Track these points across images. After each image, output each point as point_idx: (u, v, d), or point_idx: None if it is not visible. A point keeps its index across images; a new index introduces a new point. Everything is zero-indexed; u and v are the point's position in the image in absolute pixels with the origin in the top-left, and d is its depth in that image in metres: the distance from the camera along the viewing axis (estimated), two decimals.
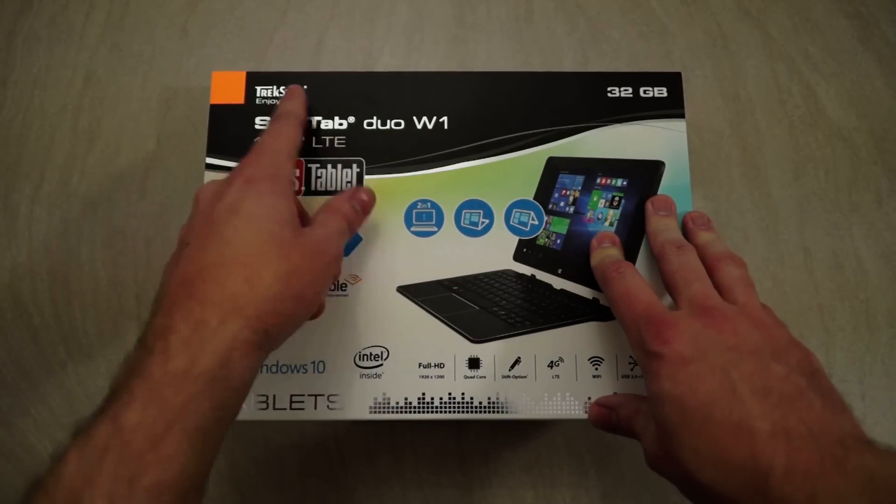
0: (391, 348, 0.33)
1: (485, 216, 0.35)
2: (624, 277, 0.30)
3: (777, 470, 0.21)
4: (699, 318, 0.26)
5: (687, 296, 0.28)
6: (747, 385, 0.24)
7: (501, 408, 0.32)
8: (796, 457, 0.22)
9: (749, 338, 0.26)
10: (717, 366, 0.25)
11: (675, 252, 0.30)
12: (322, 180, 0.35)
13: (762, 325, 0.26)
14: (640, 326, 0.27)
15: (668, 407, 0.25)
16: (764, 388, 0.24)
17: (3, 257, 0.41)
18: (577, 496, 0.38)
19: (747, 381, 0.24)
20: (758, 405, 0.23)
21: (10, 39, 0.44)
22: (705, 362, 0.25)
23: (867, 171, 0.42)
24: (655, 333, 0.26)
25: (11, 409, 0.39)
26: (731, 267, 0.30)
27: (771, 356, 0.25)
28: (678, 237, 0.32)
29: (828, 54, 0.44)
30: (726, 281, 0.29)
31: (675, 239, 0.32)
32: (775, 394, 0.23)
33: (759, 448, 0.22)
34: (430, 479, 0.38)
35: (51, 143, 0.42)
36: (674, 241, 0.31)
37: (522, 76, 0.37)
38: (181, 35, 0.44)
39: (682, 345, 0.25)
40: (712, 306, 0.27)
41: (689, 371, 0.25)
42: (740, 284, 0.29)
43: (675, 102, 0.36)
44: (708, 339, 0.26)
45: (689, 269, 0.29)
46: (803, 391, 0.24)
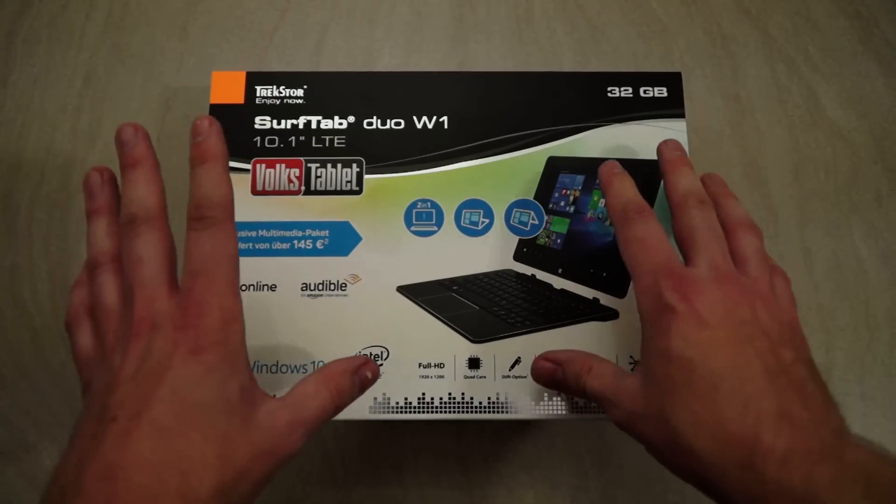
0: (391, 348, 0.33)
1: (485, 216, 0.35)
2: (647, 223, 0.28)
3: (777, 451, 0.21)
4: (718, 285, 0.26)
5: (706, 256, 0.27)
6: (760, 363, 0.23)
7: (501, 408, 0.32)
8: (796, 442, 0.22)
9: (762, 316, 0.25)
10: (732, 338, 0.24)
11: (697, 206, 0.28)
12: (322, 180, 0.35)
13: (774, 306, 0.26)
14: (657, 275, 0.26)
15: (673, 367, 0.24)
16: (775, 371, 0.23)
17: (3, 257, 0.41)
18: (577, 496, 0.38)
19: (760, 359, 0.24)
20: (768, 385, 0.23)
21: (10, 39, 0.44)
22: (721, 331, 0.24)
23: (867, 171, 0.42)
24: (675, 286, 0.25)
25: (11, 409, 0.39)
26: (749, 236, 0.29)
27: (780, 340, 0.25)
28: (701, 190, 0.30)
29: (828, 54, 0.44)
30: (743, 250, 0.28)
31: (699, 191, 0.29)
32: (783, 378, 0.23)
33: (763, 427, 0.22)
34: (430, 479, 0.38)
35: (51, 143, 0.42)
36: (697, 192, 0.29)
37: (522, 76, 0.37)
38: (181, 35, 0.44)
39: (701, 305, 0.25)
40: (731, 274, 0.26)
41: (704, 336, 0.24)
42: (756, 255, 0.28)
43: (675, 102, 0.36)
44: (725, 309, 0.25)
45: (710, 229, 0.28)
46: (806, 382, 0.24)
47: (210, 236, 0.25)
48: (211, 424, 0.22)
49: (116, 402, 0.22)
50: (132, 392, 0.22)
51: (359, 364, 0.28)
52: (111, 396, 0.22)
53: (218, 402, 0.23)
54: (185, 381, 0.22)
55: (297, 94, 0.36)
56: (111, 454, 0.21)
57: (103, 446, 0.21)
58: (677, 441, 0.23)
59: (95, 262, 0.27)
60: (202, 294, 0.24)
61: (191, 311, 0.23)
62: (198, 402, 0.22)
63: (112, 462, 0.21)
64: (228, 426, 0.23)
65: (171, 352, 0.23)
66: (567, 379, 0.29)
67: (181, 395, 0.22)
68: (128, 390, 0.22)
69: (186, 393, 0.22)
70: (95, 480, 0.20)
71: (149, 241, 0.25)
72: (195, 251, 0.24)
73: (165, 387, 0.22)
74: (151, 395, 0.22)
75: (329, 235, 0.34)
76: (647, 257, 0.27)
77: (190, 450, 0.22)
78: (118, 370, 0.23)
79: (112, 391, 0.22)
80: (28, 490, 0.38)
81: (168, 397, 0.22)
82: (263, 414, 0.24)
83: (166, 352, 0.23)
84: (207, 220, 0.25)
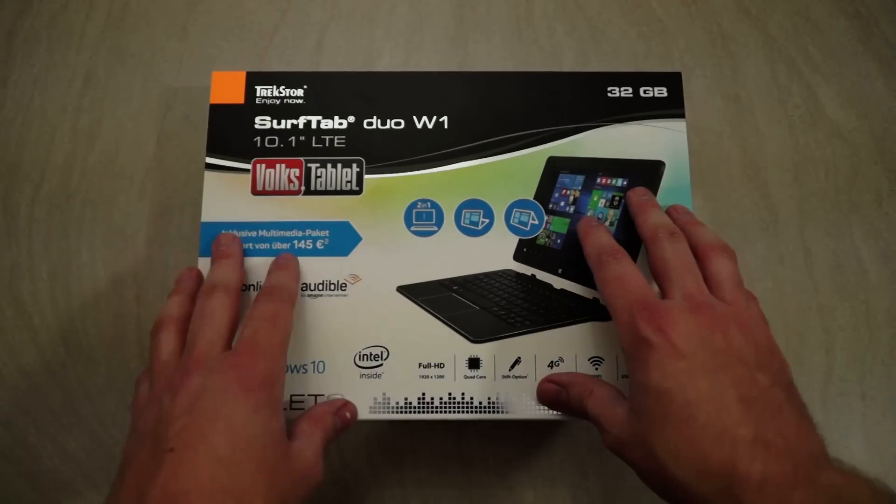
0: (391, 348, 0.33)
1: (485, 216, 0.35)
2: (621, 263, 0.30)
3: (753, 479, 0.22)
4: (692, 314, 0.26)
5: (679, 287, 0.28)
6: (734, 391, 0.24)
7: (501, 408, 0.32)
8: (772, 468, 0.22)
9: (737, 342, 0.26)
10: (708, 367, 0.25)
11: (668, 238, 0.30)
12: (322, 180, 0.35)
13: (748, 329, 0.26)
14: (633, 310, 0.27)
15: (652, 399, 0.25)
16: (749, 397, 0.24)
17: (3, 257, 0.41)
18: (577, 496, 0.38)
19: (735, 388, 0.24)
20: (743, 413, 0.23)
21: (10, 39, 0.44)
22: (696, 361, 0.25)
23: (867, 171, 0.42)
24: (650, 319, 0.26)
25: (11, 409, 0.39)
26: (722, 259, 0.29)
27: (756, 366, 0.25)
28: (670, 223, 0.31)
29: (828, 54, 0.44)
30: (717, 275, 0.29)
31: (668, 224, 0.31)
32: (759, 404, 0.24)
33: (739, 455, 0.22)
34: (430, 479, 0.38)
35: (51, 143, 0.42)
36: (667, 226, 0.31)
37: (522, 76, 0.37)
38: (181, 35, 0.44)
39: (675, 336, 0.25)
40: (705, 303, 0.27)
41: (680, 367, 0.25)
42: (730, 280, 0.29)
43: (675, 102, 0.36)
44: (699, 338, 0.25)
45: (682, 260, 0.29)
46: (782, 406, 0.24)
47: (273, 302, 0.29)
48: (261, 456, 0.24)
49: (174, 433, 0.24)
50: (188, 424, 0.24)
51: (336, 407, 0.31)
52: (168, 429, 0.24)
53: (266, 436, 0.25)
54: (239, 416, 0.25)
55: (297, 94, 0.36)
56: (171, 482, 0.22)
57: (162, 474, 0.23)
58: (661, 470, 0.24)
59: (161, 322, 0.30)
60: (258, 343, 0.27)
61: (245, 355, 0.27)
62: (250, 435, 0.25)
63: (173, 489, 0.22)
64: (274, 458, 0.25)
65: (225, 389, 0.25)
66: (570, 401, 0.30)
67: (235, 429, 0.24)
68: (184, 422, 0.24)
69: (240, 427, 0.25)
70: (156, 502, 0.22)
71: (221, 303, 0.29)
72: (258, 310, 0.29)
73: (221, 421, 0.24)
74: (208, 428, 0.24)
75: (329, 235, 0.34)
76: (622, 294, 0.28)
77: (243, 478, 0.24)
78: (171, 406, 0.25)
79: (168, 424, 0.24)
80: (28, 490, 0.38)
81: (223, 430, 0.24)
82: (295, 448, 0.27)
83: (221, 389, 0.25)
84: (275, 296, 0.30)
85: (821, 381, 0.39)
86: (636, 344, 0.26)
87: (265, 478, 0.24)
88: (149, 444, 0.24)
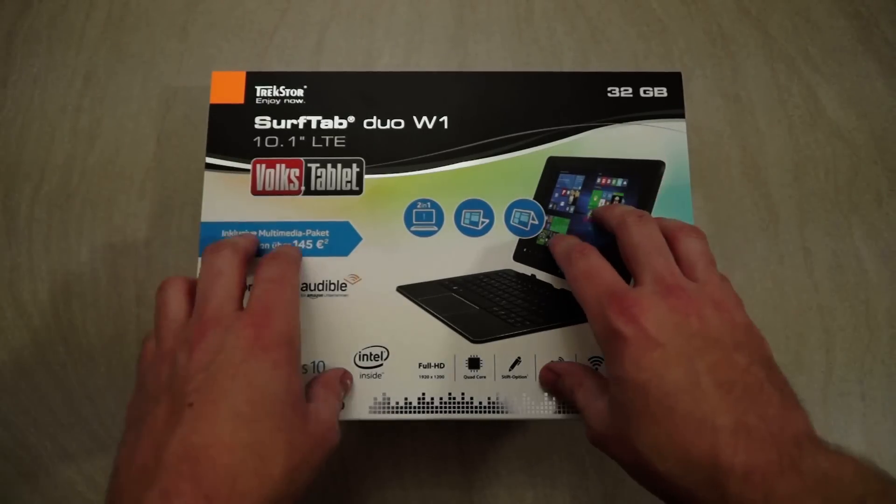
0: (391, 348, 0.33)
1: (485, 216, 0.35)
2: (587, 257, 0.29)
3: (737, 469, 0.21)
4: (664, 299, 0.25)
5: (650, 270, 0.27)
6: (711, 377, 0.23)
7: (501, 408, 0.32)
8: (755, 456, 0.22)
9: (712, 323, 0.25)
10: (683, 354, 0.24)
11: (636, 222, 0.29)
12: (322, 180, 0.35)
13: (724, 308, 0.26)
14: (602, 302, 0.26)
15: (629, 392, 0.24)
16: (727, 381, 0.23)
17: (3, 257, 0.41)
18: (577, 496, 0.38)
19: (712, 373, 0.23)
20: (721, 400, 0.23)
21: (10, 39, 0.44)
22: (671, 348, 0.24)
23: (867, 171, 0.42)
24: (619, 309, 0.25)
25: (11, 409, 0.39)
26: (691, 239, 0.28)
27: (733, 345, 0.24)
28: (638, 209, 0.31)
29: (828, 54, 0.44)
30: (687, 255, 0.28)
31: (635, 210, 0.30)
32: (738, 387, 0.23)
33: (721, 446, 0.22)
34: (430, 479, 0.38)
35: (51, 143, 0.42)
36: (634, 211, 0.30)
37: (522, 76, 0.37)
38: (181, 35, 0.44)
39: (649, 324, 0.25)
40: (676, 285, 0.26)
41: (654, 357, 0.24)
42: (702, 259, 0.28)
43: (675, 102, 0.36)
44: (673, 323, 0.25)
45: (651, 242, 0.28)
46: (763, 385, 0.24)
47: (279, 264, 0.29)
48: (280, 414, 0.24)
49: (192, 389, 0.24)
50: (207, 380, 0.24)
51: (342, 373, 0.31)
52: (185, 385, 0.24)
53: (285, 395, 0.25)
54: (258, 374, 0.25)
55: (297, 94, 0.36)
56: (191, 435, 0.23)
57: (181, 428, 0.23)
58: (644, 465, 0.24)
59: (167, 282, 0.29)
60: (273, 302, 0.27)
61: (260, 315, 0.26)
62: (270, 393, 0.24)
63: (193, 442, 0.22)
64: (293, 417, 0.25)
65: (244, 347, 0.25)
66: (564, 391, 0.30)
67: (255, 386, 0.24)
68: (203, 379, 0.24)
69: (259, 384, 0.24)
70: (178, 460, 0.22)
71: (230, 261, 0.29)
72: (264, 272, 0.29)
73: (241, 378, 0.24)
74: (227, 384, 0.24)
75: (329, 235, 0.34)
76: (590, 287, 0.28)
77: (264, 435, 0.24)
78: (188, 362, 0.25)
79: (185, 380, 0.24)
80: (28, 490, 0.38)
81: (243, 387, 0.24)
82: (313, 410, 0.27)
83: (240, 346, 0.25)
84: (280, 258, 0.30)
85: (821, 381, 0.39)
86: (609, 337, 0.26)
87: (285, 437, 0.24)
88: (164, 399, 0.24)
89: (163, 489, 0.21)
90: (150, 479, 0.22)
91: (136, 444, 0.23)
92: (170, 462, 0.22)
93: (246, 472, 0.23)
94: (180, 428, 0.23)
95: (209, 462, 0.22)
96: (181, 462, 0.22)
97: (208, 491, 0.21)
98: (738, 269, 0.41)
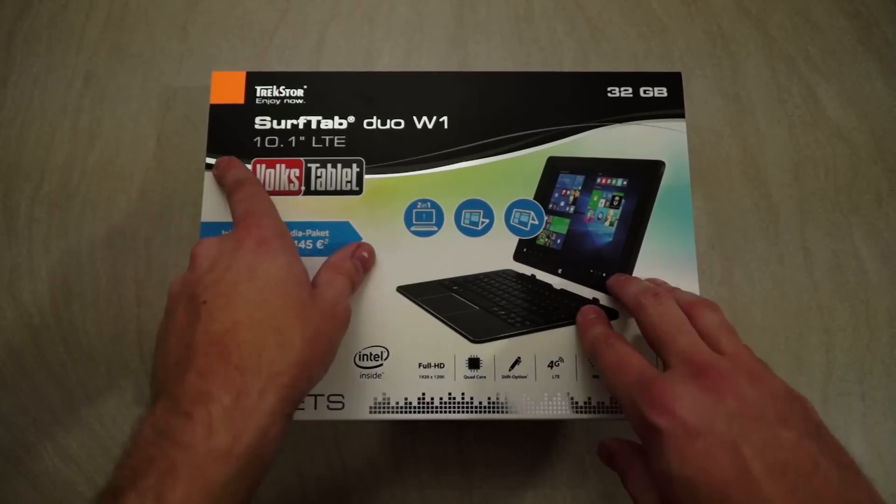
0: (391, 348, 0.33)
1: (485, 216, 0.35)
2: (613, 347, 0.28)
3: None
4: (695, 380, 0.24)
5: (675, 352, 0.26)
6: (760, 462, 0.22)
7: (501, 408, 0.32)
8: None
9: (750, 398, 0.24)
10: (727, 439, 0.22)
11: (652, 302, 0.28)
12: (322, 180, 0.35)
13: (759, 378, 0.24)
14: (633, 395, 0.25)
15: (677, 490, 0.23)
16: (778, 464, 0.22)
17: (3, 257, 0.41)
18: (577, 496, 0.38)
19: (760, 457, 0.22)
20: (775, 487, 0.21)
21: (10, 39, 0.44)
22: (713, 436, 0.23)
23: (867, 171, 0.42)
24: (652, 402, 0.24)
25: (11, 409, 0.39)
26: (707, 312, 0.28)
27: (776, 420, 0.23)
28: (651, 286, 0.30)
29: (828, 54, 0.44)
30: (707, 328, 0.27)
31: (649, 288, 0.30)
32: (791, 470, 0.22)
33: None
34: (429, 479, 0.38)
35: (51, 143, 0.42)
36: (648, 289, 0.29)
37: (522, 76, 0.37)
38: (181, 35, 0.44)
39: (685, 413, 0.23)
40: (706, 363, 0.25)
41: (697, 448, 0.23)
42: (723, 331, 0.27)
43: (675, 102, 0.36)
44: (709, 406, 0.23)
45: (672, 321, 0.27)
46: (817, 461, 0.22)
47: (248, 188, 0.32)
48: (287, 293, 0.27)
49: (202, 289, 0.26)
50: (214, 280, 0.26)
51: (352, 250, 0.33)
52: (195, 288, 0.26)
53: (289, 277, 0.27)
54: (259, 264, 0.27)
55: (297, 94, 0.36)
56: (213, 325, 0.25)
57: (202, 323, 0.25)
58: None
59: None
60: (256, 209, 0.30)
61: (249, 219, 0.29)
62: (274, 278, 0.27)
63: (216, 330, 0.25)
64: (300, 295, 0.27)
65: (238, 247, 0.27)
66: (616, 470, 0.29)
67: (258, 274, 0.27)
68: (209, 279, 0.27)
69: (262, 272, 0.27)
70: (207, 345, 0.25)
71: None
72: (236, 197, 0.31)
73: (243, 270, 0.27)
74: (232, 277, 0.26)
75: (329, 235, 0.34)
76: (619, 380, 0.27)
77: (276, 312, 0.26)
78: (192, 272, 0.27)
79: (194, 285, 0.27)
80: (28, 490, 0.38)
81: (247, 277, 0.26)
82: (317, 293, 0.29)
83: (234, 247, 0.27)
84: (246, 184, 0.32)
85: (821, 381, 0.39)
86: (645, 431, 0.24)
87: (296, 312, 0.26)
88: (181, 307, 0.27)
89: (198, 370, 0.24)
90: (185, 366, 0.24)
91: (167, 349, 0.26)
92: (199, 349, 0.24)
93: (268, 344, 0.25)
94: (200, 323, 0.25)
95: (233, 341, 0.25)
96: (209, 346, 0.24)
97: (238, 363, 0.24)
98: (738, 269, 0.41)
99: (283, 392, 0.25)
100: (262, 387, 0.24)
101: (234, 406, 0.23)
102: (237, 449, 0.23)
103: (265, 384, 0.24)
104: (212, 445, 0.22)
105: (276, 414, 0.24)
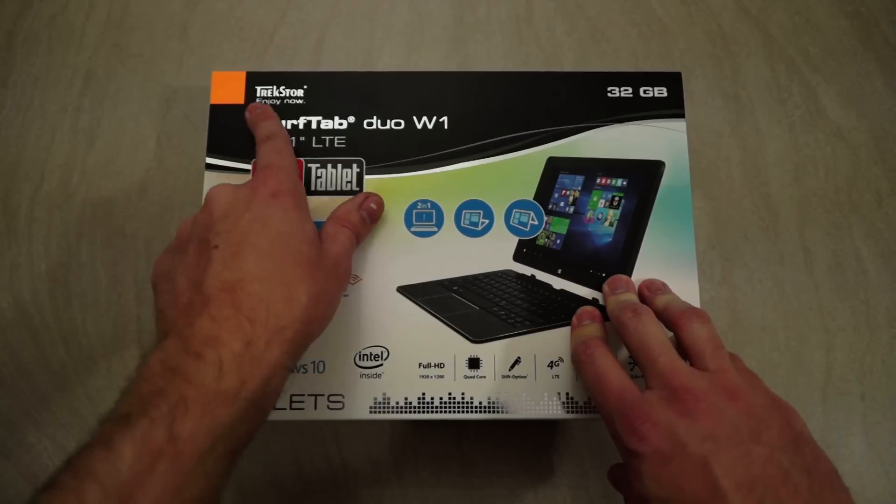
0: (391, 348, 0.33)
1: (485, 216, 0.35)
2: (593, 361, 0.29)
3: None
4: (671, 405, 0.25)
5: (655, 373, 0.26)
6: (730, 479, 0.23)
7: (501, 408, 0.32)
8: None
9: (726, 417, 0.24)
10: (699, 460, 0.23)
11: (631, 317, 0.29)
12: (322, 180, 0.35)
13: (737, 395, 0.25)
14: (614, 419, 0.26)
15: None
16: (747, 480, 0.23)
17: (3, 257, 0.41)
18: (577, 496, 0.38)
19: (730, 475, 0.23)
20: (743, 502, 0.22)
21: (10, 39, 0.44)
22: (685, 458, 0.24)
23: (867, 171, 0.42)
24: (631, 429, 0.25)
25: (11, 409, 0.39)
26: (696, 325, 0.28)
27: (750, 437, 0.24)
28: (630, 300, 0.31)
29: (828, 54, 0.44)
30: (693, 343, 0.27)
31: (629, 302, 0.30)
32: (759, 485, 0.23)
33: None
34: (430, 479, 0.38)
35: (51, 143, 0.42)
36: (628, 304, 0.30)
37: (522, 76, 0.37)
38: (181, 35, 0.44)
39: (658, 440, 0.24)
40: (682, 386, 0.25)
41: (671, 470, 0.24)
42: (709, 346, 0.27)
43: (675, 102, 0.36)
44: (683, 429, 0.24)
45: (650, 340, 0.28)
46: (788, 474, 0.23)
47: (276, 143, 0.32)
48: (297, 249, 0.27)
49: (214, 234, 0.27)
50: (227, 227, 0.27)
51: (360, 201, 0.33)
52: (208, 232, 0.27)
53: (299, 233, 0.28)
54: (271, 217, 0.28)
55: (297, 94, 0.36)
56: (224, 272, 0.26)
57: (212, 268, 0.26)
58: None
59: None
60: (274, 162, 0.30)
61: (268, 171, 0.30)
62: (284, 232, 0.27)
63: (227, 278, 0.25)
64: (309, 252, 0.28)
65: (253, 197, 0.28)
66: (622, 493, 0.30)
67: (270, 226, 0.27)
68: (223, 226, 0.27)
69: (274, 225, 0.27)
70: (217, 291, 0.25)
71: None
72: (264, 149, 0.32)
73: (256, 221, 0.27)
74: (245, 226, 0.27)
75: None
76: (601, 399, 0.27)
77: (286, 267, 0.27)
78: (206, 215, 0.28)
79: (207, 228, 0.27)
80: (28, 490, 0.38)
81: (259, 228, 0.27)
82: (325, 249, 0.29)
83: (250, 197, 0.28)
84: (277, 138, 0.32)
85: (821, 381, 0.39)
86: (625, 455, 0.26)
87: (304, 269, 0.27)
88: (192, 247, 0.27)
89: (210, 315, 0.24)
90: (197, 309, 0.25)
91: (174, 287, 0.27)
92: (211, 294, 0.25)
93: (277, 298, 0.26)
94: (212, 267, 0.26)
95: (244, 291, 0.25)
96: (221, 293, 0.25)
97: (248, 314, 0.25)
98: (738, 269, 0.41)
99: (286, 346, 0.25)
100: (269, 338, 0.25)
101: (243, 353, 0.24)
102: (244, 393, 0.23)
103: (271, 336, 0.25)
104: (221, 387, 0.23)
105: (278, 366, 0.25)
